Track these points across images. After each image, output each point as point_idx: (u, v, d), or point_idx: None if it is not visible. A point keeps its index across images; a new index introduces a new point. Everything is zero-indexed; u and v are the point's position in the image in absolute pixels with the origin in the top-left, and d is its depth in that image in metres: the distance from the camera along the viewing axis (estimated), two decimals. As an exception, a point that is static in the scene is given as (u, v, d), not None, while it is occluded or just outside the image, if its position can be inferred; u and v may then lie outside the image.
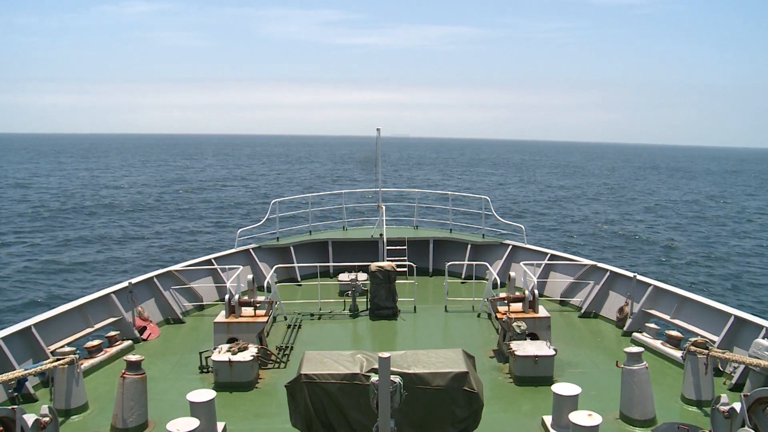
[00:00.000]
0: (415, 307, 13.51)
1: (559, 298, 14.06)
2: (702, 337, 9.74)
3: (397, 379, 5.10)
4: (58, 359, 8.34)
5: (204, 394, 7.41)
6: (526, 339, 10.02)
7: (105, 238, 38.77)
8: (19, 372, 7.83)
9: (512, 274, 12.66)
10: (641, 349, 8.23)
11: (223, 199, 61.54)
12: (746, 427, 6.10)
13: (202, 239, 38.13)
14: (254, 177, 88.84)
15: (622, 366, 8.06)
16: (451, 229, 18.13)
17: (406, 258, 15.38)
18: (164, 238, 38.82)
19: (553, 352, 9.46)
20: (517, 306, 11.08)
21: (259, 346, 10.13)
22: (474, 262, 15.00)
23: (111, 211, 52.50)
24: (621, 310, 12.35)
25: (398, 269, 13.22)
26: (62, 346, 9.54)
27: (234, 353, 9.49)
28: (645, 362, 8.06)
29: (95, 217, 48.13)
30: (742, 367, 9.00)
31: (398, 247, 16.02)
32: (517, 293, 11.58)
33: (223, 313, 11.04)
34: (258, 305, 11.23)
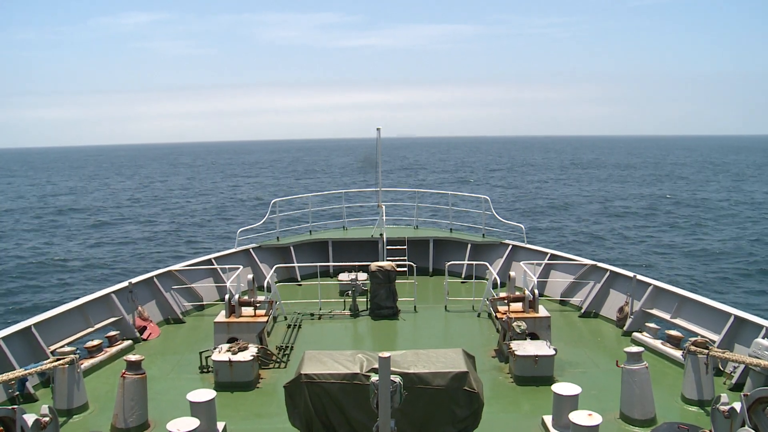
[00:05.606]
0: (415, 306, 13.52)
1: (559, 298, 14.05)
2: (702, 336, 9.72)
3: (397, 378, 5.10)
4: (59, 359, 8.35)
5: (204, 394, 7.41)
6: (526, 339, 10.01)
7: (105, 238, 38.81)
8: (19, 372, 7.84)
9: (512, 273, 12.64)
10: (641, 348, 8.24)
11: (223, 199, 61.56)
12: (746, 427, 6.10)
13: (202, 239, 38.16)
14: (254, 178, 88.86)
15: (622, 366, 8.06)
16: (451, 229, 18.13)
17: (406, 258, 15.38)
18: (164, 238, 38.86)
19: (553, 352, 9.46)
20: (517, 306, 11.07)
21: (260, 346, 10.12)
22: (474, 262, 14.98)
23: (111, 211, 52.50)
24: (621, 309, 12.34)
25: (398, 269, 13.22)
26: (62, 346, 9.56)
27: (234, 353, 9.49)
28: (645, 362, 8.06)
29: (95, 218, 48.15)
30: (742, 366, 8.99)
31: (398, 247, 16.01)
32: (517, 293, 11.57)
33: (223, 312, 11.04)
34: (258, 305, 11.23)
